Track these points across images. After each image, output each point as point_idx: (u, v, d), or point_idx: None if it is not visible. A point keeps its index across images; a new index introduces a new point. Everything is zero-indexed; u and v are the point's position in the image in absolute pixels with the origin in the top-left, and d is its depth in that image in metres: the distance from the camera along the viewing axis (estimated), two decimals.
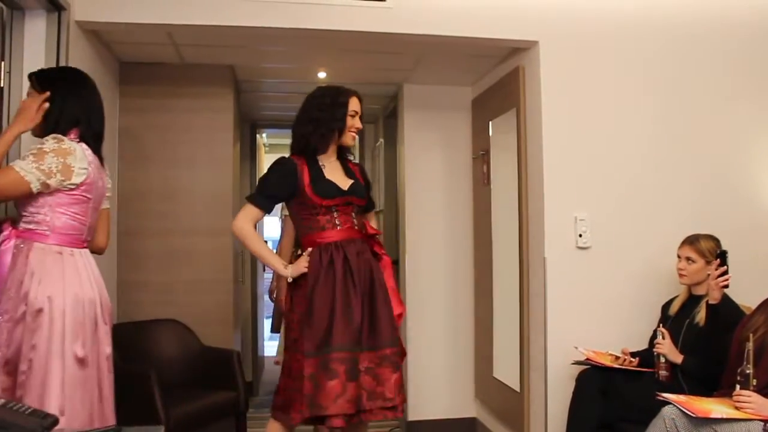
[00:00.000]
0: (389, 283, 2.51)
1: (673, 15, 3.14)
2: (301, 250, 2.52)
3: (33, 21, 2.55)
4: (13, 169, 1.93)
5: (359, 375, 2.33)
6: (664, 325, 2.74)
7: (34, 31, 2.55)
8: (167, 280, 3.55)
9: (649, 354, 2.71)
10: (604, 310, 3.01)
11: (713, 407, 2.16)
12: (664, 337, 2.64)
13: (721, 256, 2.54)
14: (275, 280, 3.68)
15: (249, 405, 3.49)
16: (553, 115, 3.03)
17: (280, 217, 3.97)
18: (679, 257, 2.76)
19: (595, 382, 2.67)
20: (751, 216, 3.11)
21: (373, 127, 5.29)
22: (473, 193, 3.95)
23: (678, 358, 2.60)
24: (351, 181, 2.49)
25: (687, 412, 2.13)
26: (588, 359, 2.78)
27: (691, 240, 2.74)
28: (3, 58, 2.45)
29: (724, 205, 3.09)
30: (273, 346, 4.84)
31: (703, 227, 2.80)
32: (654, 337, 2.75)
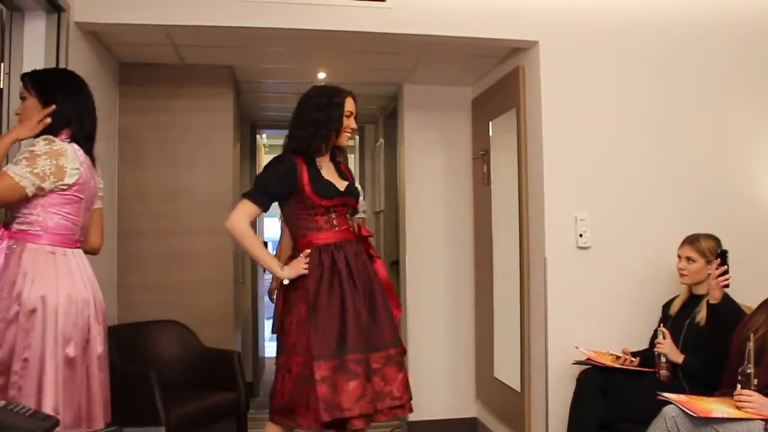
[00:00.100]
0: (386, 285, 2.50)
1: (673, 15, 3.14)
2: (295, 251, 2.46)
3: (33, 22, 2.55)
4: (8, 174, 1.92)
5: (372, 376, 2.30)
6: (665, 324, 2.74)
7: (34, 33, 2.55)
8: (167, 280, 3.54)
9: (650, 354, 2.71)
10: (605, 310, 3.01)
11: (714, 407, 2.16)
12: (664, 337, 2.64)
13: (721, 256, 2.54)
14: (275, 281, 3.67)
15: (250, 406, 3.48)
16: (553, 115, 3.03)
17: (280, 217, 3.95)
18: (679, 257, 2.76)
19: (595, 382, 2.67)
20: (751, 215, 3.11)
21: (373, 127, 5.28)
22: (473, 193, 3.95)
23: (679, 357, 2.60)
24: (346, 183, 2.48)
25: (688, 411, 2.13)
26: (589, 359, 2.78)
27: (692, 240, 2.74)
28: (3, 60, 2.45)
29: (724, 205, 3.09)
30: (273, 347, 4.82)
31: (703, 227, 2.79)
32: (654, 336, 2.75)
